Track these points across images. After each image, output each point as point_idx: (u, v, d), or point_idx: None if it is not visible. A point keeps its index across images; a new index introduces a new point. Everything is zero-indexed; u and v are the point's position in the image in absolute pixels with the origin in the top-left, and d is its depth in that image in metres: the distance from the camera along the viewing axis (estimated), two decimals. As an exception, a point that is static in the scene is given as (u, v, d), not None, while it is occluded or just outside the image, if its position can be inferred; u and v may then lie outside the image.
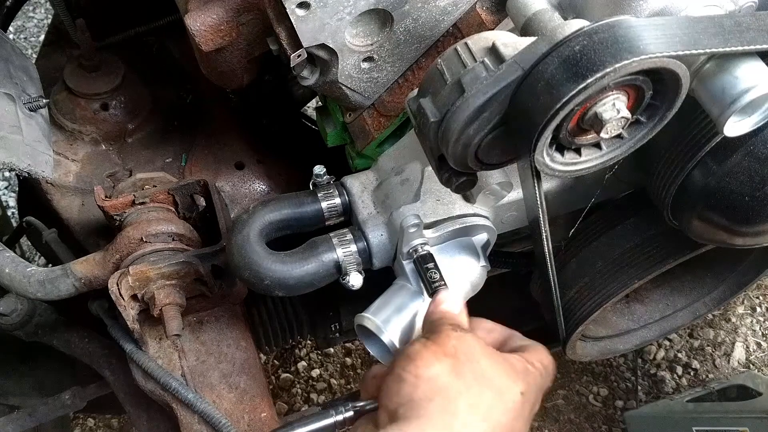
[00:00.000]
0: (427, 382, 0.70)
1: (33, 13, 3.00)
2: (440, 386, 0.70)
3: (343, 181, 1.01)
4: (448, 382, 0.70)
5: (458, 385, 0.70)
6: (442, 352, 0.72)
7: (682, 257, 1.05)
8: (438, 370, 0.71)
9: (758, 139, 0.82)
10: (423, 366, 0.71)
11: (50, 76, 1.32)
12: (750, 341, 2.17)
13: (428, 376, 0.70)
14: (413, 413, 0.68)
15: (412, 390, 0.70)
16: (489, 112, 0.72)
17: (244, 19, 1.00)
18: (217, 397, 1.08)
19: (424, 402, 0.69)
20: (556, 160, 0.75)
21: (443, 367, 0.71)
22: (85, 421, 2.03)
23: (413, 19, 0.95)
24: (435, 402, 0.69)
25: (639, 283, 1.07)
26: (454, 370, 0.71)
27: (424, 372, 0.71)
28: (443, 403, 0.69)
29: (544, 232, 0.89)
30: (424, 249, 0.92)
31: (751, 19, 0.73)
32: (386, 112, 1.06)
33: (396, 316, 0.91)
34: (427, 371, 0.71)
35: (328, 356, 2.17)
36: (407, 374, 0.71)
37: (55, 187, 1.25)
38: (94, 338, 1.23)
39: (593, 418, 2.06)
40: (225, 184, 1.30)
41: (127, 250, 1.06)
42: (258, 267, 0.92)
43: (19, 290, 1.07)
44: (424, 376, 0.70)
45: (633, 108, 0.72)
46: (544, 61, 0.69)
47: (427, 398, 0.69)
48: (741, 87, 0.72)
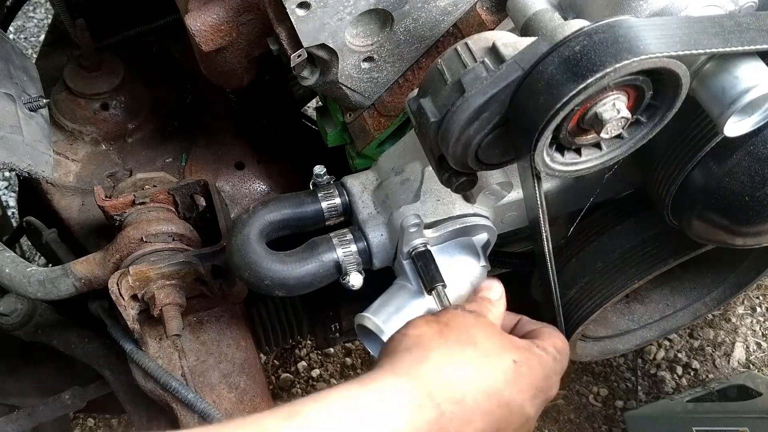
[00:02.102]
0: (409, 338, 0.73)
1: (33, 13, 3.00)
2: (421, 342, 0.72)
3: (343, 181, 1.01)
4: (430, 340, 0.73)
5: (439, 341, 0.72)
6: (434, 320, 0.76)
7: (682, 257, 1.05)
8: (424, 330, 0.74)
9: (758, 139, 0.82)
10: (412, 326, 0.75)
11: (50, 76, 1.32)
12: (750, 341, 2.17)
13: (413, 333, 0.74)
14: (389, 361, 0.71)
15: (396, 344, 0.73)
16: (489, 112, 0.72)
17: (244, 19, 1.00)
18: (217, 397, 1.08)
19: (402, 353, 0.72)
20: (556, 160, 0.75)
21: (430, 328, 0.74)
22: (85, 421, 2.03)
23: (413, 19, 0.95)
24: (411, 352, 0.71)
25: (639, 283, 1.07)
26: (440, 332, 0.74)
27: (411, 331, 0.74)
28: (417, 353, 0.71)
29: (544, 232, 0.89)
30: (423, 248, 0.92)
31: (751, 19, 0.73)
32: (386, 112, 1.06)
33: (396, 316, 0.91)
34: (414, 330, 0.74)
35: (328, 356, 2.17)
36: (397, 333, 0.75)
37: (55, 187, 1.25)
38: (94, 338, 1.23)
39: (593, 418, 2.06)
40: (225, 184, 1.30)
41: (127, 250, 1.06)
42: (258, 267, 0.92)
43: (19, 290, 1.07)
44: (409, 333, 0.74)
45: (633, 108, 0.72)
46: (545, 61, 0.69)
47: (406, 349, 0.72)
48: (741, 87, 0.72)
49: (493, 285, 0.85)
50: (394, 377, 0.68)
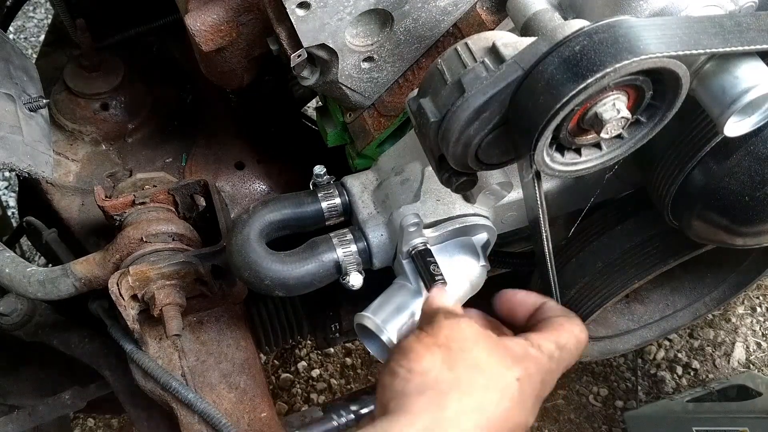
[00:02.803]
0: (418, 376, 0.70)
1: (33, 13, 3.00)
2: (431, 380, 0.70)
3: (343, 181, 1.01)
4: (439, 376, 0.70)
5: (449, 377, 0.70)
6: (434, 343, 0.72)
7: (682, 257, 1.05)
8: (429, 363, 0.71)
9: (758, 139, 0.82)
10: (415, 359, 0.71)
11: (50, 76, 1.32)
12: (750, 341, 2.17)
13: (420, 370, 0.70)
14: (403, 407, 0.68)
15: (404, 384, 0.70)
16: (489, 112, 0.72)
17: (244, 19, 1.00)
18: (217, 397, 1.08)
19: (415, 396, 0.69)
20: (556, 160, 0.75)
21: (434, 359, 0.71)
22: (85, 421, 2.03)
23: (413, 19, 0.95)
24: (425, 396, 0.69)
25: (639, 283, 1.07)
26: (445, 362, 0.71)
27: (416, 366, 0.71)
28: (433, 397, 0.69)
29: (544, 232, 0.89)
30: (423, 247, 0.92)
31: (751, 19, 0.73)
32: (386, 112, 1.06)
33: (395, 316, 0.91)
34: (419, 365, 0.71)
35: (328, 356, 2.17)
36: (400, 368, 0.71)
37: (55, 187, 1.25)
38: (94, 338, 1.23)
39: (593, 418, 2.06)
40: (225, 184, 1.30)
41: (127, 250, 1.06)
42: (258, 267, 0.92)
43: (19, 290, 1.07)
44: (416, 370, 0.70)
45: (633, 108, 0.72)
46: (545, 61, 0.69)
47: (418, 392, 0.69)
48: (741, 87, 0.72)
49: (441, 292, 0.83)
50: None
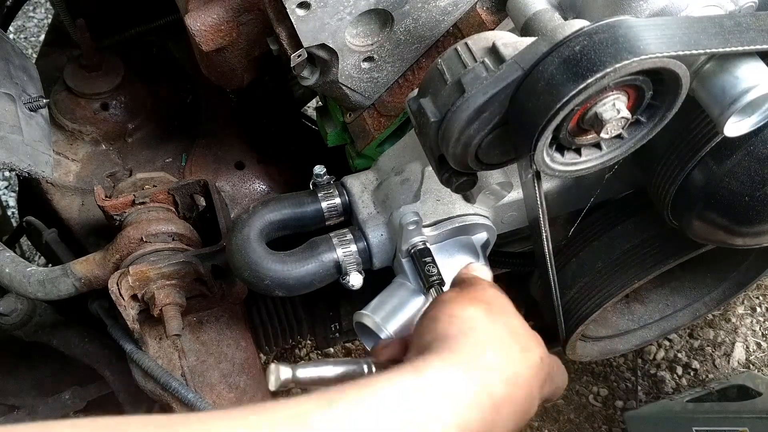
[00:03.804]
0: (462, 321, 0.71)
1: (33, 13, 3.00)
2: (474, 326, 0.70)
3: (343, 181, 1.01)
4: (482, 325, 0.71)
5: (491, 329, 0.70)
6: (477, 298, 0.74)
7: (682, 257, 1.05)
8: (473, 312, 0.72)
9: (758, 139, 0.82)
10: (459, 307, 0.72)
11: (50, 76, 1.32)
12: (750, 341, 2.17)
13: (464, 316, 0.71)
14: (444, 345, 0.68)
15: (447, 326, 0.70)
16: (489, 112, 0.72)
17: (244, 19, 1.00)
18: (217, 397, 1.08)
19: (458, 336, 0.69)
20: (556, 160, 0.75)
21: (478, 310, 0.72)
22: (85, 421, 2.03)
23: (413, 19, 0.95)
24: (468, 337, 0.69)
25: (639, 283, 1.07)
26: (488, 316, 0.72)
27: (459, 312, 0.72)
28: (475, 340, 0.69)
29: (544, 232, 0.89)
30: (423, 246, 0.92)
31: (751, 19, 0.73)
32: (386, 112, 1.06)
33: (395, 314, 0.91)
34: (463, 312, 0.72)
35: (328, 356, 2.17)
36: (443, 314, 0.72)
37: (55, 187, 1.25)
38: (94, 338, 1.23)
39: (593, 418, 2.06)
40: (225, 184, 1.30)
41: (127, 250, 1.06)
42: (258, 267, 0.92)
43: (19, 290, 1.07)
44: (460, 316, 0.71)
45: (633, 108, 0.72)
46: (545, 61, 0.69)
47: (462, 333, 0.69)
48: (741, 87, 0.72)
49: (480, 267, 0.86)
50: (455, 371, 0.65)
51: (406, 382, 0.62)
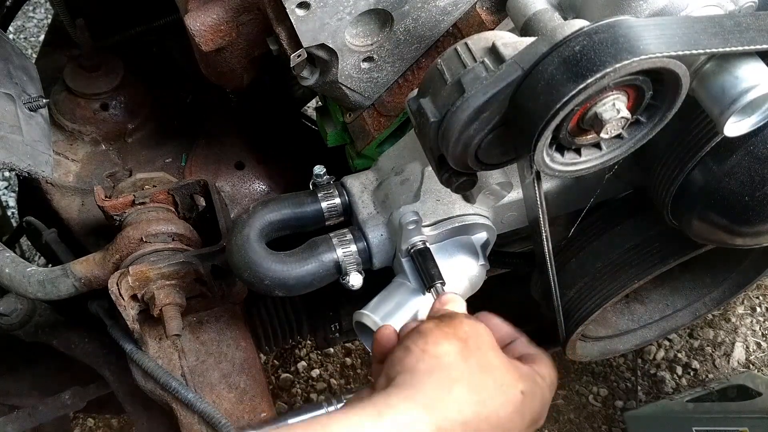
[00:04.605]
0: (432, 358, 0.71)
1: (33, 13, 3.00)
2: (444, 364, 0.70)
3: (343, 181, 1.01)
4: (453, 363, 0.70)
5: (462, 368, 0.70)
6: (453, 334, 0.73)
7: (682, 257, 1.05)
8: (446, 349, 0.71)
9: (758, 139, 0.82)
10: (432, 342, 0.72)
11: (50, 76, 1.32)
12: (750, 341, 2.17)
13: (435, 352, 0.71)
14: (409, 382, 0.69)
15: (416, 362, 0.70)
16: (489, 112, 0.72)
17: (244, 19, 1.00)
18: (217, 397, 1.08)
19: (424, 375, 0.69)
20: (556, 160, 0.75)
21: (452, 347, 0.72)
22: (85, 421, 2.03)
23: (413, 19, 0.95)
24: (434, 376, 0.69)
25: (639, 283, 1.07)
26: (461, 353, 0.71)
27: (432, 348, 0.71)
28: (442, 380, 0.69)
29: (544, 232, 0.89)
30: (422, 245, 0.92)
31: (751, 19, 0.73)
32: (386, 112, 1.06)
33: (395, 314, 0.91)
34: (435, 348, 0.71)
35: (328, 356, 2.17)
36: (415, 347, 0.72)
37: (55, 187, 1.25)
38: (94, 338, 1.23)
39: (593, 418, 2.06)
40: (225, 184, 1.30)
41: (127, 250, 1.06)
42: (258, 267, 0.92)
43: (19, 290, 1.07)
44: (431, 352, 0.71)
45: (633, 108, 0.72)
46: (544, 61, 0.69)
47: (428, 371, 0.69)
48: (741, 87, 0.72)
49: (455, 298, 0.83)
50: (416, 410, 0.66)
51: (366, 426, 0.64)
